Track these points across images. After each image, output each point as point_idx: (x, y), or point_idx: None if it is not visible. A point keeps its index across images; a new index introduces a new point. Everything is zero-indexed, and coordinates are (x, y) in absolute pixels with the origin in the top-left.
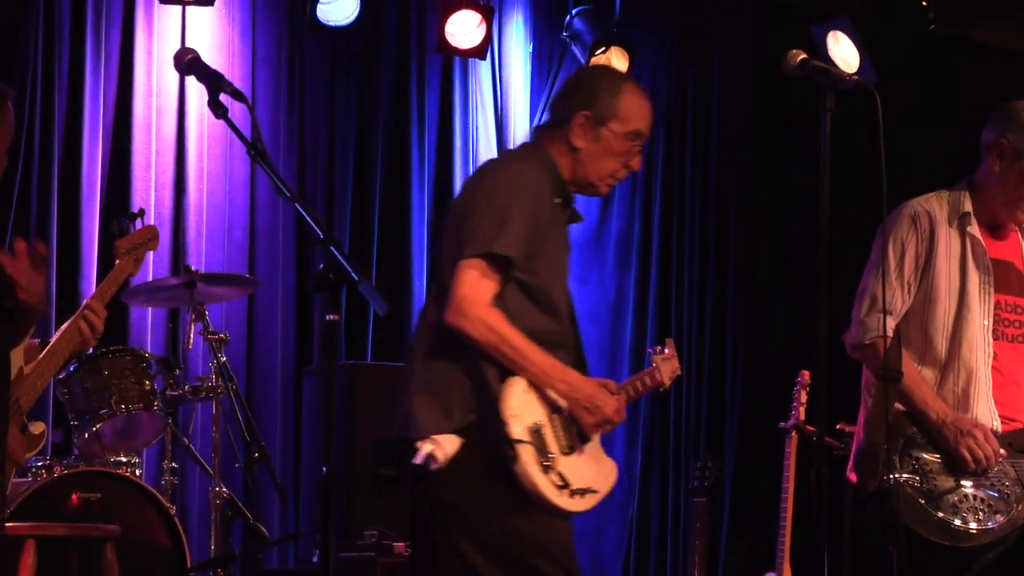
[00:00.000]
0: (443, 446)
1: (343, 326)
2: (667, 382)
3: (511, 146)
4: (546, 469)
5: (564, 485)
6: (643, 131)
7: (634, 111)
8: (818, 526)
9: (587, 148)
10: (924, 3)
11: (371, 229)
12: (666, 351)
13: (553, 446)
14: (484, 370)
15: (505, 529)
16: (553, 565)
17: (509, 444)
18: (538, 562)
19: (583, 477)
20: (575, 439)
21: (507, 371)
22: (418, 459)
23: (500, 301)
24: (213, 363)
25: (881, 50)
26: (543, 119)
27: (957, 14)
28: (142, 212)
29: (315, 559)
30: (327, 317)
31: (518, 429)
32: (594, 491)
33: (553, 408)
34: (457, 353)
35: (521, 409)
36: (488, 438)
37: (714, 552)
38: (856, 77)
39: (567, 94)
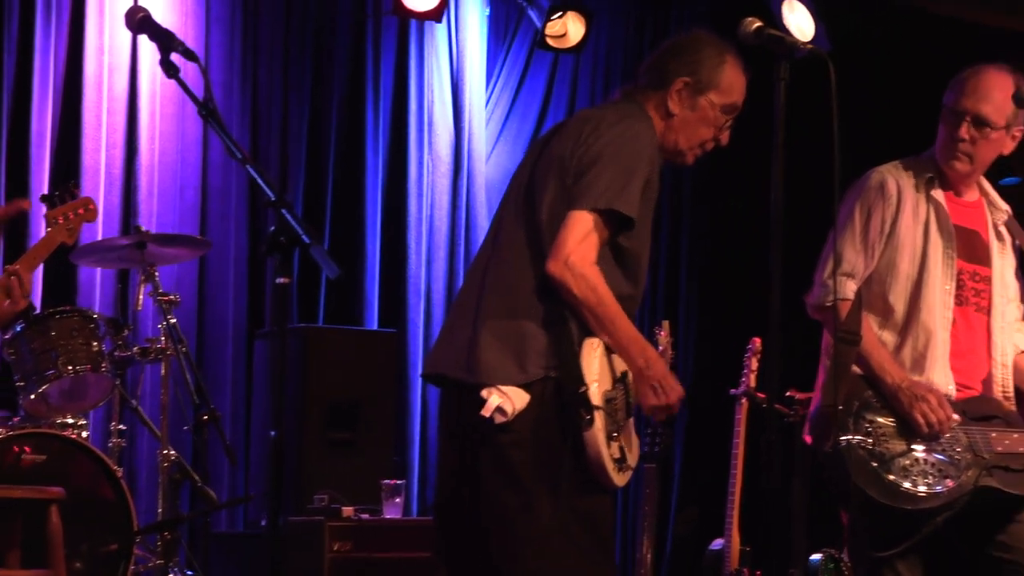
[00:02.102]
0: (512, 399)
1: (296, 289)
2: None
3: (467, 111)
4: (611, 440)
5: (621, 459)
6: (739, 105)
7: (735, 84)
8: (766, 493)
9: (682, 115)
10: None
11: (325, 192)
12: (664, 334)
13: (617, 416)
14: (570, 327)
15: (566, 496)
16: (599, 536)
17: (588, 408)
18: (585, 535)
19: (629, 453)
20: (627, 413)
21: (588, 331)
22: (485, 411)
23: (597, 260)
24: (163, 325)
25: (837, 20)
26: (640, 80)
27: None
28: (76, 184)
29: (264, 523)
30: (278, 280)
31: (598, 394)
32: (632, 467)
33: (617, 379)
34: (542, 303)
35: (600, 374)
36: (561, 398)
37: (663, 518)
38: (810, 46)
39: (668, 57)
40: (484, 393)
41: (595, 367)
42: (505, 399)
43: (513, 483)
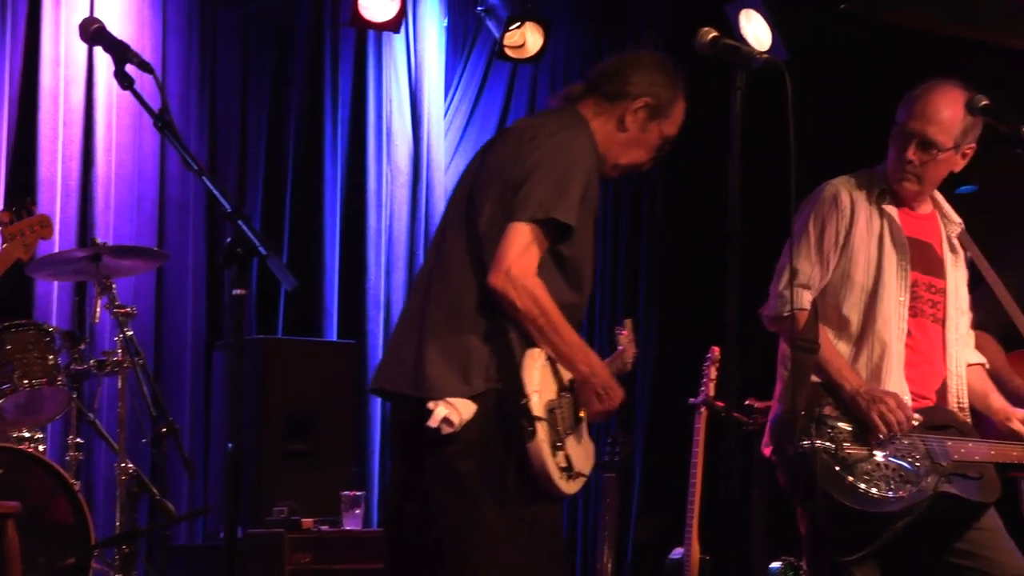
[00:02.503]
0: (459, 410)
1: (255, 300)
2: (630, 366)
3: (425, 121)
4: (556, 450)
5: (567, 468)
6: (673, 140)
7: (679, 119)
8: (726, 502)
9: (633, 133)
10: None
11: (283, 203)
12: (626, 332)
13: (561, 426)
14: (511, 338)
15: (512, 504)
16: (549, 545)
17: (530, 420)
18: (532, 541)
19: (579, 460)
20: (574, 421)
21: (530, 341)
22: (432, 422)
23: (538, 270)
24: (120, 337)
25: (792, 29)
26: (590, 80)
27: None
28: (33, 201)
29: (222, 535)
30: (235, 292)
31: (539, 405)
32: (584, 475)
33: (563, 387)
34: (483, 315)
35: (542, 384)
36: (505, 410)
37: (624, 527)
38: (766, 56)
39: (631, 72)
40: (431, 405)
41: (536, 378)
42: (452, 410)
43: (461, 494)
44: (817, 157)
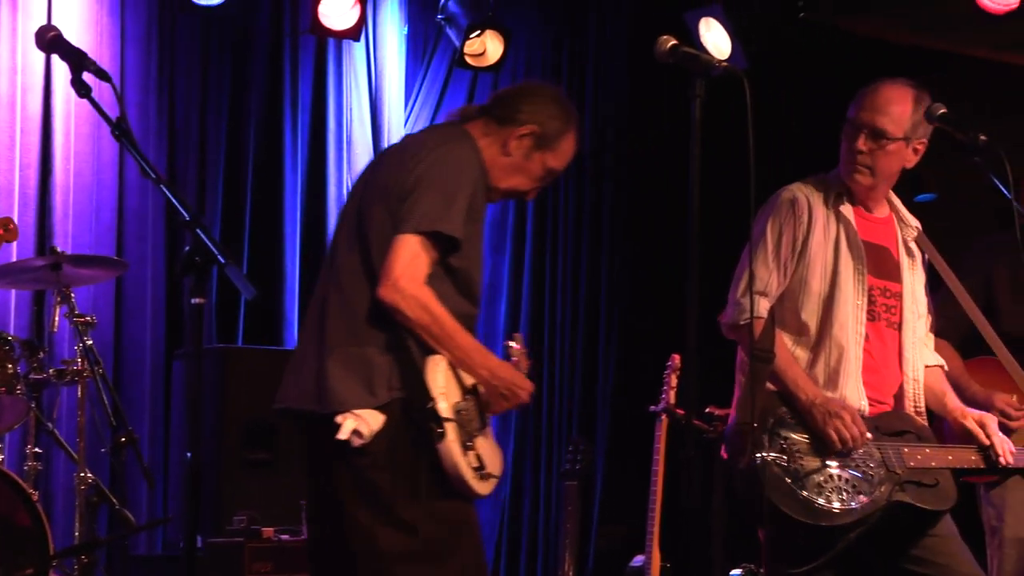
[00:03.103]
0: (368, 421)
1: (215, 309)
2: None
3: (386, 129)
4: (467, 450)
5: (480, 467)
6: (558, 174)
7: (567, 154)
8: (686, 509)
9: (516, 159)
10: None
11: (243, 211)
12: (516, 346)
13: (470, 427)
14: (410, 347)
15: (427, 508)
16: (465, 545)
17: (438, 422)
18: (451, 542)
19: (490, 461)
20: (481, 423)
21: (429, 349)
22: (342, 435)
23: (428, 281)
24: (79, 346)
25: (752, 37)
26: (485, 104)
27: (826, 4)
28: None
29: (182, 545)
30: (193, 301)
31: (446, 407)
32: (495, 476)
33: (467, 390)
34: (380, 327)
35: (447, 387)
36: (413, 415)
37: (585, 535)
38: (725, 64)
39: (523, 100)
40: (339, 419)
41: (440, 381)
42: (361, 421)
43: (375, 504)
44: (779, 164)
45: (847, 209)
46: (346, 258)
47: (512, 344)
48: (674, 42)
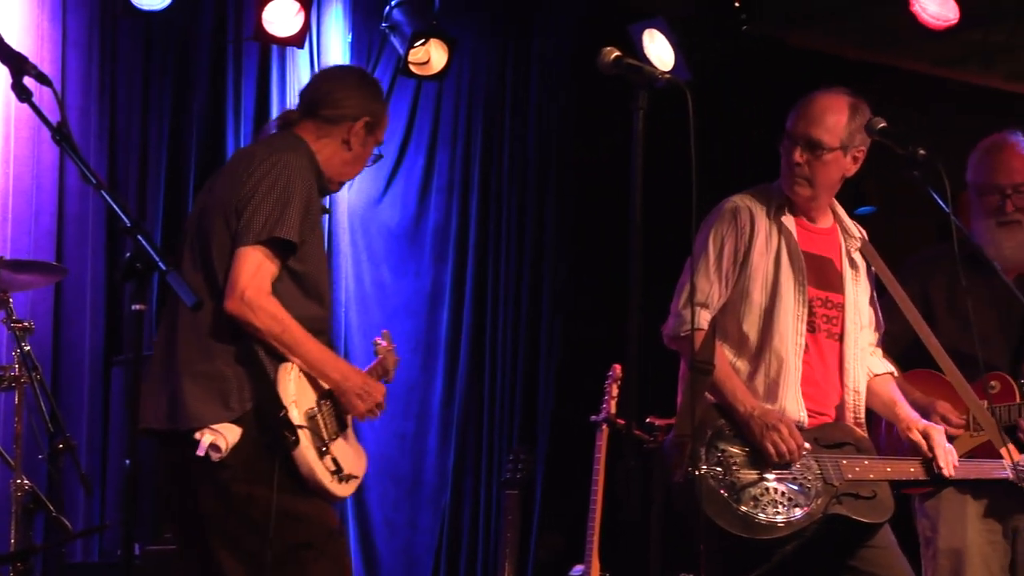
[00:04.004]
0: (225, 435)
1: (154, 316)
2: (392, 375)
3: None
4: (322, 454)
5: (337, 471)
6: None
7: (386, 126)
8: (626, 520)
9: (356, 151)
10: (736, 4)
11: (185, 218)
12: (384, 343)
13: (324, 432)
14: (261, 357)
15: (290, 516)
16: (323, 550)
17: (291, 429)
18: (316, 548)
19: (348, 463)
20: (338, 426)
21: (280, 357)
22: (200, 450)
23: (273, 288)
24: (16, 352)
25: (697, 50)
26: (303, 106)
27: (770, 17)
28: None
29: (119, 552)
30: (133, 307)
31: (298, 415)
32: (356, 477)
33: (322, 395)
34: (229, 341)
35: (298, 394)
36: (266, 424)
37: (525, 544)
38: (668, 75)
39: (345, 92)
40: (197, 435)
41: (291, 389)
42: (218, 435)
43: (238, 515)
44: (724, 175)
45: (789, 220)
46: (191, 276)
47: (379, 341)
48: (617, 53)
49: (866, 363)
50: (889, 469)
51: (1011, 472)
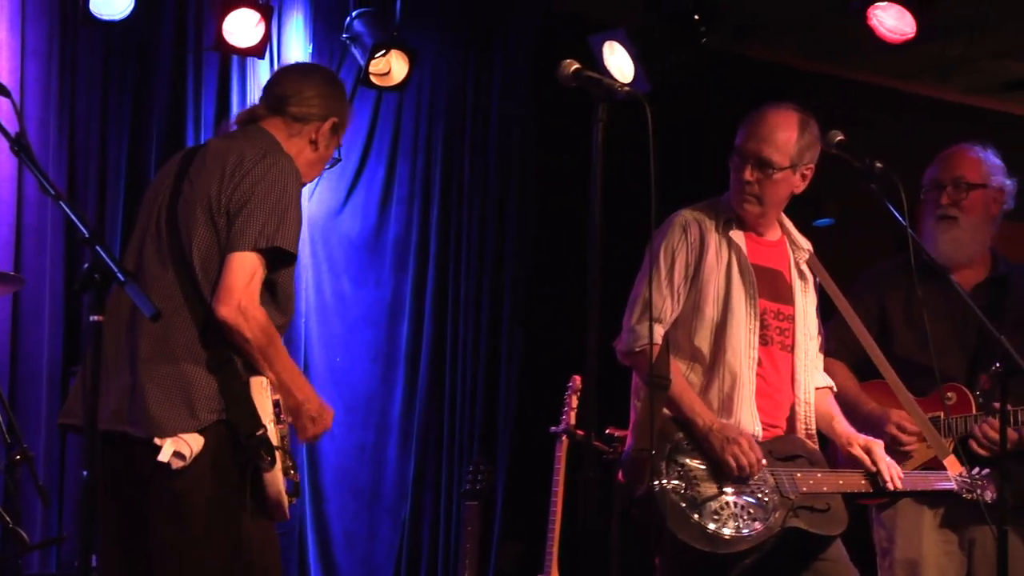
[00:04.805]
0: (189, 444)
1: None
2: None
3: None
4: (286, 475)
5: (293, 493)
6: None
7: (348, 124)
8: (585, 530)
9: (321, 151)
10: (696, 17)
11: None
12: None
13: (289, 451)
14: (235, 367)
15: (244, 531)
16: (271, 568)
17: (269, 450)
18: (261, 565)
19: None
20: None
21: (250, 369)
22: (163, 457)
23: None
24: None
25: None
26: (270, 103)
27: (730, 30)
28: None
29: (77, 564)
30: (92, 318)
31: (276, 435)
32: (296, 496)
33: (276, 411)
34: (202, 346)
35: (273, 414)
36: (240, 440)
37: (485, 555)
38: (628, 88)
39: (312, 91)
40: (158, 441)
41: (268, 407)
42: (181, 443)
43: (188, 527)
44: (684, 187)
45: (738, 235)
46: (158, 272)
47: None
48: (577, 66)
49: (815, 373)
50: (842, 482)
51: (955, 483)
